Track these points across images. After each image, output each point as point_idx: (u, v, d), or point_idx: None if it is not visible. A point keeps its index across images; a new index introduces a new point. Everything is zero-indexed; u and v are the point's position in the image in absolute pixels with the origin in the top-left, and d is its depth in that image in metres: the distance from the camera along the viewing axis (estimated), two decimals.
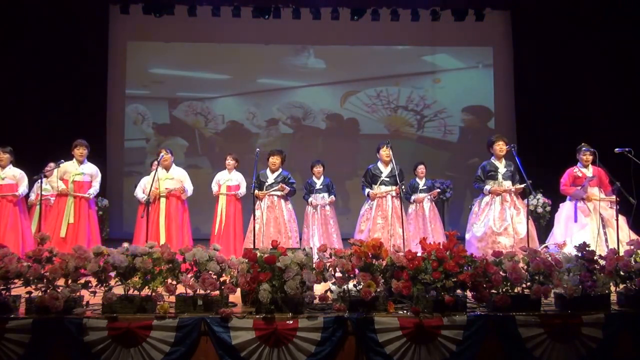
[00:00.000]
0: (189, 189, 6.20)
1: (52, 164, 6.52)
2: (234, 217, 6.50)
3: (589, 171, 5.77)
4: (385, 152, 6.08)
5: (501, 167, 5.76)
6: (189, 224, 6.16)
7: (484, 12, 9.47)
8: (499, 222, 5.53)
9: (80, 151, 6.10)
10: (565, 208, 5.86)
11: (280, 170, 6.29)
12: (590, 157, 5.75)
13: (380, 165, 6.16)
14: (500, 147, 5.76)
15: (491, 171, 5.76)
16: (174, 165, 6.24)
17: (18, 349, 3.45)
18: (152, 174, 6.05)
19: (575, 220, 5.71)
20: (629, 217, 5.41)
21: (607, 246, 5.36)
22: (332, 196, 6.51)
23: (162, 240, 5.80)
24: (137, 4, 9.25)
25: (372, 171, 6.16)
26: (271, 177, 6.20)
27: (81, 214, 5.97)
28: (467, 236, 5.77)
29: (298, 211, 6.54)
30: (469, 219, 5.92)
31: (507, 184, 5.69)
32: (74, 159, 6.12)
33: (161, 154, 6.04)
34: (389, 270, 3.76)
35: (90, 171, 6.15)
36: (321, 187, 6.53)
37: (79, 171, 6.06)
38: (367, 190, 6.11)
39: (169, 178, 6.11)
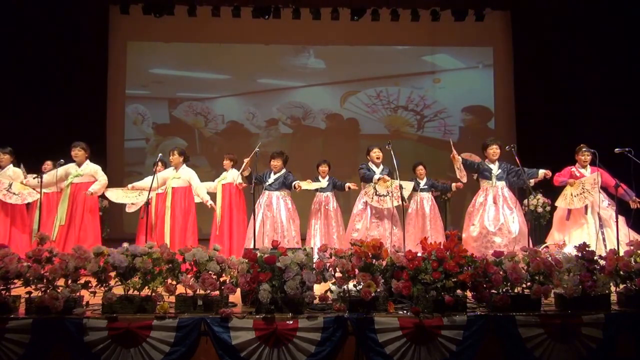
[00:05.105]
0: (197, 187, 6.17)
1: (49, 162, 6.53)
2: (237, 212, 6.57)
3: (587, 172, 5.81)
4: (375, 155, 6.21)
5: (495, 168, 5.82)
6: (194, 224, 6.14)
7: (484, 12, 9.48)
8: (494, 222, 5.57)
9: (74, 152, 6.10)
10: (563, 207, 5.89)
11: (283, 170, 6.29)
12: (589, 158, 5.79)
13: (371, 165, 6.26)
14: (494, 150, 5.82)
15: (485, 171, 5.82)
16: (184, 165, 6.23)
17: (18, 349, 3.44)
18: (153, 175, 6.04)
19: (567, 219, 5.75)
20: (629, 218, 5.41)
21: (605, 246, 5.38)
22: (350, 184, 6.45)
23: (167, 239, 5.81)
24: (137, 4, 9.25)
25: (368, 166, 6.24)
26: (272, 177, 6.22)
27: (75, 216, 5.95)
28: (463, 236, 5.80)
29: (305, 209, 6.56)
30: (465, 218, 5.97)
31: (501, 185, 5.74)
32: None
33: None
34: (389, 270, 3.76)
35: (89, 171, 6.14)
36: (325, 186, 6.56)
37: (77, 173, 6.06)
38: (377, 175, 6.09)
39: (176, 177, 6.11)
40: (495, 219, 5.58)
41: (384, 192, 6.01)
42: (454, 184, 6.67)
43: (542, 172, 5.63)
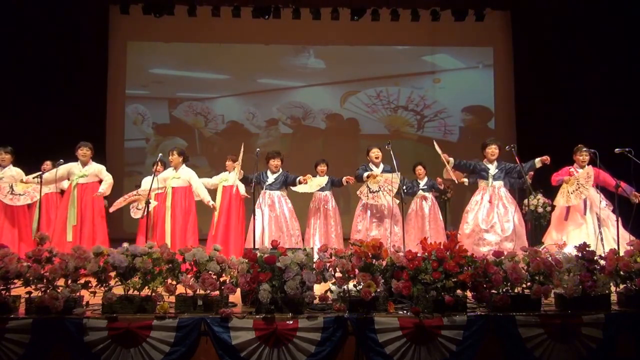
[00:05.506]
0: (197, 188, 6.17)
1: (48, 162, 6.52)
2: (235, 215, 6.55)
3: None
4: (374, 155, 6.23)
5: (492, 168, 5.85)
6: (194, 224, 6.13)
7: (484, 12, 9.48)
8: (487, 220, 5.63)
9: (83, 152, 6.08)
10: (561, 207, 5.90)
11: (281, 170, 6.32)
12: (587, 158, 5.78)
13: (372, 165, 6.27)
14: (492, 150, 5.86)
15: (482, 170, 5.85)
16: (183, 165, 6.22)
17: (18, 349, 3.44)
18: (153, 176, 6.04)
19: (566, 219, 5.76)
20: (628, 218, 5.41)
21: (603, 245, 5.38)
22: (346, 178, 6.46)
23: (168, 239, 5.81)
24: (137, 4, 9.26)
25: (366, 167, 6.29)
26: (271, 177, 6.23)
27: (86, 216, 5.96)
28: (458, 234, 5.83)
29: (303, 209, 6.57)
30: (462, 217, 6.01)
31: (498, 185, 5.78)
32: (79, 161, 6.11)
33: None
34: (389, 270, 3.76)
35: (93, 171, 6.13)
36: (324, 185, 6.56)
37: (82, 173, 6.05)
38: (366, 173, 6.13)
39: (176, 177, 6.11)
40: (489, 217, 5.64)
41: (376, 188, 6.05)
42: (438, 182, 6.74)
43: (538, 160, 5.66)
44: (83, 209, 5.97)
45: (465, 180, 6.41)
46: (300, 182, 6.09)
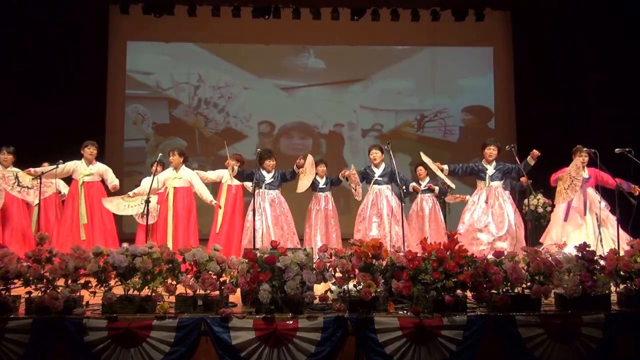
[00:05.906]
0: (199, 188, 6.17)
1: (46, 164, 6.52)
2: (239, 214, 6.56)
3: (585, 172, 5.82)
4: (372, 156, 6.27)
5: (490, 168, 5.87)
6: (195, 224, 6.14)
7: (484, 12, 9.48)
8: (481, 220, 5.69)
9: (90, 150, 6.10)
10: (561, 208, 5.90)
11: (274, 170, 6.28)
12: (587, 159, 5.79)
13: (372, 167, 6.29)
14: (490, 151, 5.89)
15: (480, 171, 5.87)
16: (183, 166, 6.22)
17: (18, 349, 3.45)
18: (152, 176, 6.04)
19: (565, 219, 5.76)
20: (624, 219, 5.41)
21: (602, 245, 5.38)
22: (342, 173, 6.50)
23: (169, 239, 5.81)
24: (137, 4, 9.26)
25: (365, 170, 6.35)
26: (269, 176, 6.16)
27: (95, 214, 5.97)
28: None
29: (301, 210, 6.56)
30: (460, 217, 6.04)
31: (495, 185, 5.80)
32: (83, 159, 6.11)
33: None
34: (389, 270, 3.76)
35: (97, 171, 6.13)
36: (324, 186, 6.57)
37: (88, 172, 6.05)
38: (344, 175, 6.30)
39: (177, 178, 6.11)
40: (484, 217, 5.68)
41: (354, 185, 6.18)
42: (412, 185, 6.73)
43: (528, 157, 5.67)
44: (91, 207, 5.98)
45: (468, 196, 6.43)
46: (299, 167, 6.05)
